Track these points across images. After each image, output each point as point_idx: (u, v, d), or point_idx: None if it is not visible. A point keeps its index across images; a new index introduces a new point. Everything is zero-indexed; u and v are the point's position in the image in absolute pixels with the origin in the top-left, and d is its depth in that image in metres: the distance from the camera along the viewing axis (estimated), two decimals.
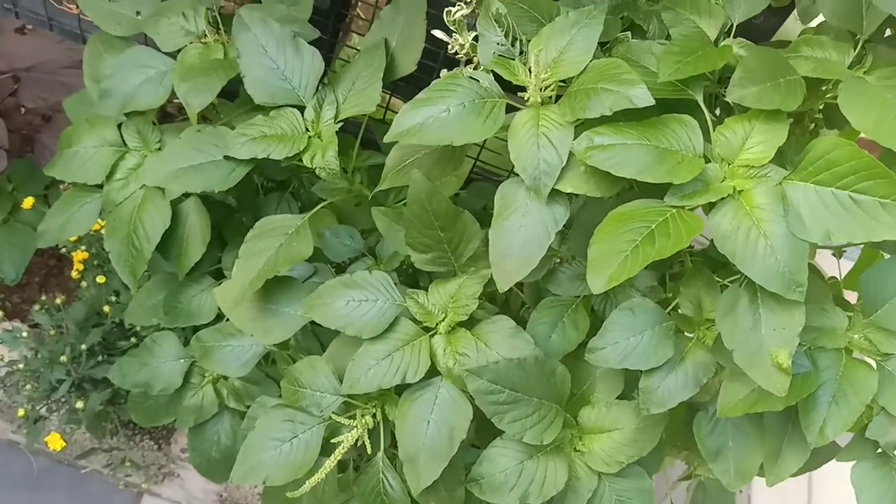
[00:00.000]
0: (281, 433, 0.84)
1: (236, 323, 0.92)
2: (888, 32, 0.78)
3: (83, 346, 1.26)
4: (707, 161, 0.71)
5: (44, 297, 1.39)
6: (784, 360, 0.67)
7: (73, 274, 1.33)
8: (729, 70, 0.81)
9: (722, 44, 0.79)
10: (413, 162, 0.83)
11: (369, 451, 0.84)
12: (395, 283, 1.01)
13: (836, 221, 0.64)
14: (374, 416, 0.87)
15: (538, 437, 0.80)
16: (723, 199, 0.68)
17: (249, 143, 0.90)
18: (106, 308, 1.29)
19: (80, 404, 1.26)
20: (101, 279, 1.29)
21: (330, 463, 0.81)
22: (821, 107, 0.85)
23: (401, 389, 0.85)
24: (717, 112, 0.85)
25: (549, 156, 0.73)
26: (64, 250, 1.38)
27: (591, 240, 0.68)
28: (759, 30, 0.95)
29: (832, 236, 0.64)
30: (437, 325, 0.85)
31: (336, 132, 0.92)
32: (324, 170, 0.89)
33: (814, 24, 0.85)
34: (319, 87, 0.95)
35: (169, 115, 1.75)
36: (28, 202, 1.34)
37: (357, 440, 0.85)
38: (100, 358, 1.31)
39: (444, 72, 0.83)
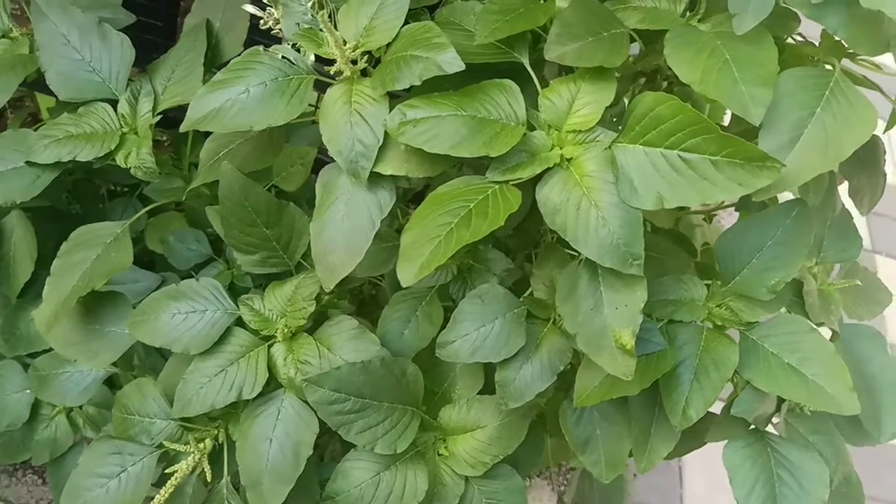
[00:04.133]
0: (107, 468, 0.75)
1: (56, 347, 0.82)
2: None
3: None
4: (533, 129, 0.64)
5: None
6: (627, 340, 0.61)
7: None
8: None
9: None
10: (226, 154, 0.74)
11: (209, 478, 0.76)
12: (252, 287, 0.93)
13: (667, 185, 0.58)
14: (216, 438, 0.79)
15: (391, 446, 0.73)
16: (550, 168, 0.62)
17: (53, 145, 0.81)
18: None
19: None
20: None
21: (160, 497, 0.72)
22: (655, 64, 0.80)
23: (244, 406, 0.77)
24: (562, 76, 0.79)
25: (363, 135, 0.65)
26: None
27: (406, 226, 0.60)
28: None
29: (665, 201, 0.58)
30: (276, 332, 0.77)
31: (163, 128, 0.83)
32: (139, 169, 0.80)
33: None
34: (136, 79, 0.85)
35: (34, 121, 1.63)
36: None
37: (195, 467, 0.76)
38: None
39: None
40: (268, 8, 0.78)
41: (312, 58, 0.73)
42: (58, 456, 1.04)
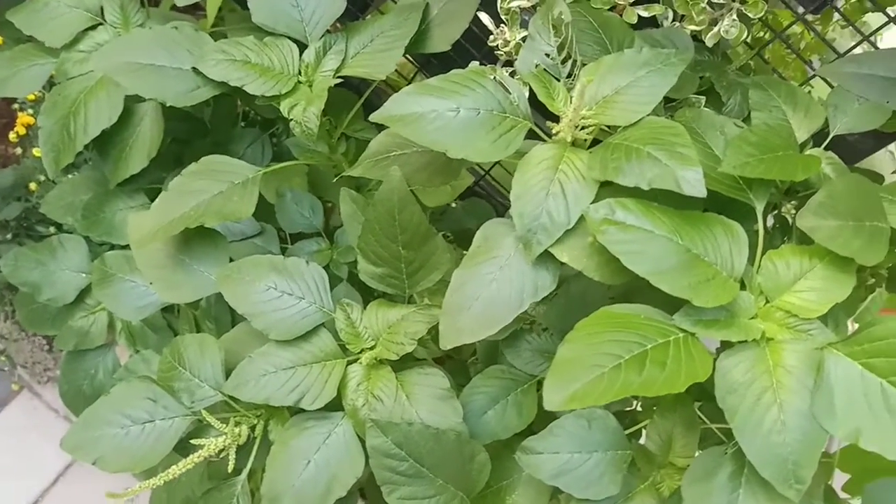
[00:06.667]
0: (136, 411, 0.69)
1: (140, 265, 0.76)
2: None
3: None
4: (742, 288, 0.55)
5: None
6: None
7: (12, 136, 1.17)
8: (801, 184, 0.66)
9: (808, 151, 0.64)
10: (399, 157, 0.67)
11: (230, 468, 0.69)
12: (344, 280, 0.86)
13: (873, 422, 0.49)
14: (252, 428, 0.72)
15: None
16: (745, 341, 0.53)
17: (226, 63, 0.75)
18: (33, 185, 1.14)
19: None
20: (37, 152, 1.13)
21: (176, 469, 0.66)
22: (889, 264, 0.70)
23: (297, 412, 0.70)
24: (771, 228, 0.70)
25: (556, 209, 0.57)
26: (17, 107, 1.22)
27: (567, 334, 0.52)
28: (848, 148, 0.80)
29: (861, 439, 0.49)
30: (360, 352, 0.70)
31: (332, 87, 0.77)
32: (299, 125, 0.74)
33: None
34: (332, 31, 0.79)
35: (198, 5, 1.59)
36: None
37: (222, 450, 0.70)
38: (10, 235, 1.16)
39: (474, 64, 0.67)
40: (501, 25, 0.71)
41: (526, 93, 0.66)
42: (82, 349, 1.00)
